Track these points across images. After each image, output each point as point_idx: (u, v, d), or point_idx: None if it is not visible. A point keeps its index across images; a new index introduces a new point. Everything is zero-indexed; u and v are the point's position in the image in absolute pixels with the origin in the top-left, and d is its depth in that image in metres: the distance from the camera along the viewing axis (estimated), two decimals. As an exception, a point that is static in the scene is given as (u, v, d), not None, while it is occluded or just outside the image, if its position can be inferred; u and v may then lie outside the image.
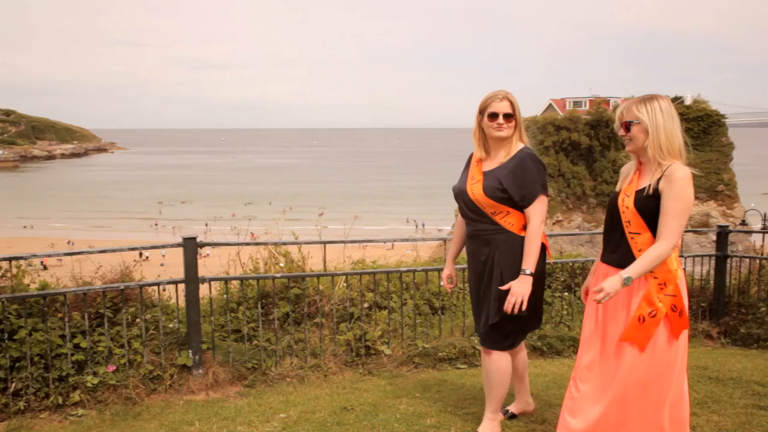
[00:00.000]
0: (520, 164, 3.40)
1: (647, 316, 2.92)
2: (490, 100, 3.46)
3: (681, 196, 2.86)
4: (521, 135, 3.51)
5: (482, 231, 3.49)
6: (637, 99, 3.04)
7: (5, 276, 4.30)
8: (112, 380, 4.27)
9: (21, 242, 41.22)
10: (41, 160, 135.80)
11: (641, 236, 2.98)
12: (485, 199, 3.41)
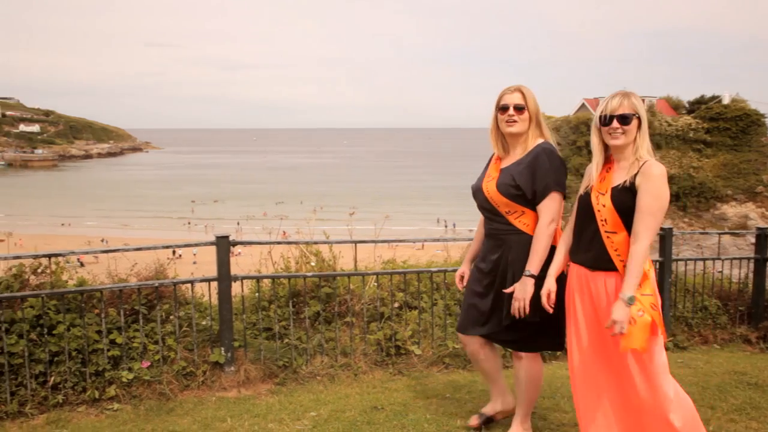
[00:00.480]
0: (535, 158, 3.28)
1: (637, 317, 2.86)
2: (502, 93, 3.38)
3: (658, 193, 2.83)
4: (542, 131, 3.38)
5: (497, 230, 3.42)
6: (622, 92, 2.97)
7: (45, 272, 4.40)
8: (146, 376, 4.34)
9: (58, 239, 42.14)
10: (79, 159, 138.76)
11: (617, 235, 2.92)
12: (499, 197, 3.32)
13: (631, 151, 2.95)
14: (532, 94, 3.35)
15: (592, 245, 3.00)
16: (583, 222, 3.05)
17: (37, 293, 4.19)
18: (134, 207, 63.99)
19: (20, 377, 4.11)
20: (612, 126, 2.92)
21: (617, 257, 2.93)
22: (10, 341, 4.07)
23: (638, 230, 2.84)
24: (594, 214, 2.97)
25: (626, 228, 2.90)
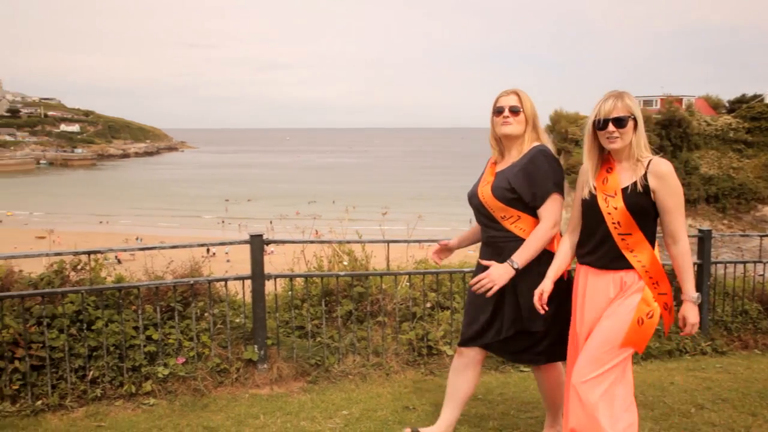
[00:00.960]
0: (531, 161, 3.18)
1: (645, 318, 2.85)
2: (498, 96, 3.33)
3: (678, 190, 2.84)
4: (539, 135, 3.29)
5: (493, 238, 3.29)
6: (615, 94, 2.90)
7: (84, 269, 4.50)
8: (181, 372, 4.41)
9: (96, 237, 43.06)
10: (116, 158, 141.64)
11: (633, 237, 2.88)
12: (494, 201, 3.22)
13: (630, 151, 2.89)
14: (528, 98, 3.28)
15: (601, 247, 2.95)
16: (591, 225, 2.98)
17: (77, 289, 4.29)
18: (169, 205, 65.04)
19: (61, 371, 4.21)
20: (608, 130, 2.85)
21: (634, 258, 2.89)
22: (51, 335, 4.17)
23: (675, 230, 2.85)
24: (602, 216, 2.90)
25: (641, 229, 2.87)
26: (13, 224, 56.07)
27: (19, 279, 4.39)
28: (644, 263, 2.88)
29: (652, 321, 2.85)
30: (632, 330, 2.84)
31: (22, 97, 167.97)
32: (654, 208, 2.86)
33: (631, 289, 2.88)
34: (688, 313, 2.87)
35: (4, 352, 4.04)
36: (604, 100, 2.88)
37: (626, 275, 2.90)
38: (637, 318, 2.84)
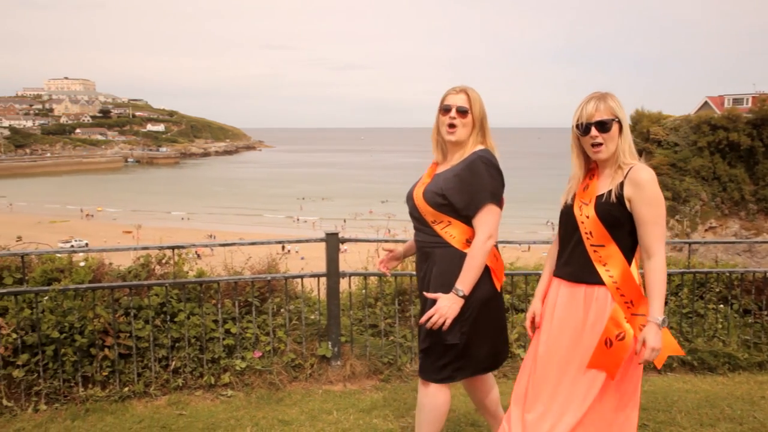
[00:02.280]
0: (468, 167, 2.95)
1: (614, 339, 2.57)
2: (446, 93, 3.08)
3: (657, 200, 2.57)
4: (485, 138, 3.06)
5: (423, 242, 3.09)
6: (597, 95, 2.68)
7: (168, 263, 4.69)
8: (258, 365, 4.53)
9: (178, 232, 44.82)
10: (198, 156, 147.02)
11: (605, 249, 2.64)
12: (424, 205, 3.01)
13: (614, 156, 2.67)
14: (478, 97, 3.04)
15: (572, 258, 2.73)
16: (566, 234, 2.77)
17: (161, 282, 4.48)
18: (246, 203, 66.91)
19: (146, 360, 4.40)
20: (591, 135, 2.65)
21: (606, 272, 2.63)
22: (137, 326, 4.36)
23: (650, 244, 2.57)
24: (577, 225, 2.69)
25: (615, 241, 2.62)
26: (102, 219, 59.18)
27: (109, 271, 4.62)
28: (616, 279, 2.62)
29: (623, 344, 2.56)
30: (599, 351, 2.59)
31: (113, 98, 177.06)
32: (629, 219, 2.61)
33: (599, 306, 2.64)
34: (648, 336, 2.50)
35: (96, 340, 4.26)
36: (585, 102, 2.68)
37: (598, 290, 2.65)
38: (605, 338, 2.59)
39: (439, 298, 2.91)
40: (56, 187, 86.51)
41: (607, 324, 2.60)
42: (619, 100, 2.68)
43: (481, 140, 3.04)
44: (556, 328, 2.76)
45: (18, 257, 4.31)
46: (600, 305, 2.63)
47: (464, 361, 3.02)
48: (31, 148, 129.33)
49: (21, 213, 61.63)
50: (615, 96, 2.68)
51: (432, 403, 3.07)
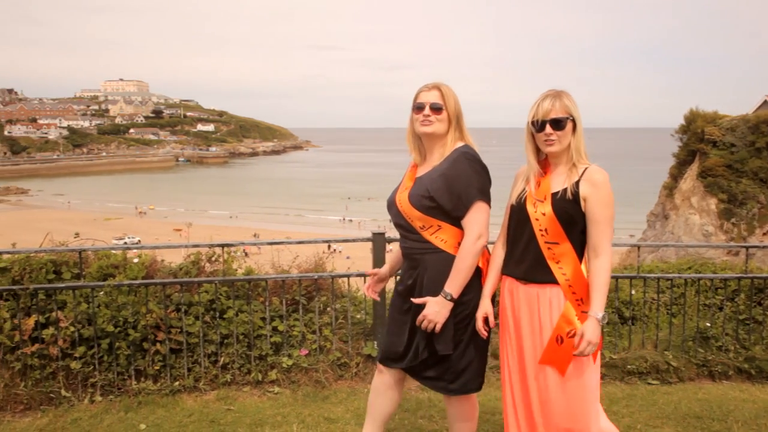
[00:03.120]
0: (452, 165, 2.85)
1: (565, 336, 2.61)
2: (418, 90, 2.97)
3: (608, 201, 2.63)
4: (463, 134, 2.95)
5: (411, 249, 2.95)
6: (553, 93, 2.68)
7: (218, 260, 4.78)
8: (304, 363, 4.57)
9: (227, 230, 45.63)
10: (246, 156, 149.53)
11: (560, 246, 2.66)
12: (411, 210, 2.87)
13: (567, 155, 2.70)
14: (452, 93, 2.93)
15: (525, 256, 2.73)
16: (517, 231, 2.77)
17: (211, 279, 4.57)
18: (293, 203, 67.66)
19: (195, 355, 4.50)
20: (545, 132, 2.66)
21: (559, 270, 2.66)
22: (188, 321, 4.46)
23: (598, 242, 2.62)
24: (531, 223, 2.70)
25: (569, 238, 2.65)
26: (154, 217, 60.72)
27: (161, 268, 4.74)
28: (568, 276, 2.65)
29: (573, 341, 2.60)
30: (550, 348, 2.64)
31: (165, 99, 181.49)
32: (584, 217, 2.64)
33: (552, 304, 2.67)
34: (587, 329, 2.56)
35: (148, 335, 4.38)
36: (541, 100, 2.69)
37: (551, 290, 2.68)
38: (556, 335, 2.63)
39: (427, 302, 2.83)
40: (111, 186, 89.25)
41: (559, 321, 2.64)
42: (574, 99, 2.71)
43: (459, 136, 2.95)
44: (518, 335, 2.78)
45: (76, 253, 4.46)
46: (554, 305, 2.67)
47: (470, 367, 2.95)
48: (88, 148, 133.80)
49: (78, 210, 63.79)
50: (570, 94, 2.71)
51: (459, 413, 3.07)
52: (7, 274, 4.35)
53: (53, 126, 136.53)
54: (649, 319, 5.47)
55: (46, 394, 4.20)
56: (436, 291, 2.83)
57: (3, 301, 4.31)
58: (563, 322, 2.63)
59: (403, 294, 3.01)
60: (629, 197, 64.52)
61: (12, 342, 4.22)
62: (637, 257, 5.17)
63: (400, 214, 2.94)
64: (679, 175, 31.01)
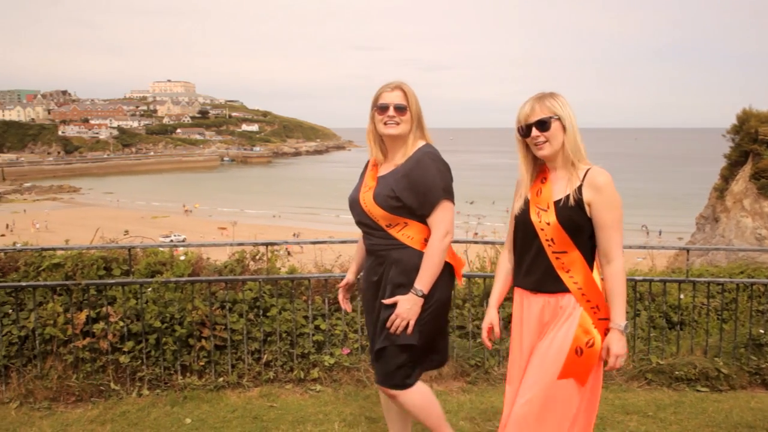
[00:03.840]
0: (417, 164, 2.86)
1: (585, 347, 2.52)
2: (380, 90, 2.96)
3: (615, 204, 2.53)
4: (423, 134, 2.97)
5: (376, 246, 2.96)
6: (535, 96, 2.60)
7: (262, 259, 4.84)
8: (346, 362, 4.60)
9: (269, 229, 46.15)
10: (289, 156, 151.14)
11: (568, 255, 2.56)
12: (377, 209, 2.89)
13: (563, 157, 2.59)
14: (414, 93, 2.93)
15: (534, 267, 2.63)
16: (524, 242, 2.67)
17: (255, 278, 4.63)
18: (335, 202, 68.05)
19: (239, 352, 4.57)
20: (532, 135, 2.58)
21: (570, 279, 2.57)
22: (232, 319, 4.54)
23: (609, 248, 2.52)
24: (536, 233, 2.60)
25: (577, 246, 2.55)
26: (200, 215, 61.87)
27: (207, 266, 4.82)
28: (581, 285, 2.56)
29: (593, 350, 2.52)
30: (570, 361, 2.52)
31: (211, 99, 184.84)
32: (590, 223, 2.55)
33: (566, 314, 2.56)
34: (612, 344, 2.50)
35: (193, 331, 4.46)
36: (522, 106, 2.63)
37: (562, 299, 2.58)
38: (575, 347, 2.52)
39: (399, 301, 2.84)
40: (157, 184, 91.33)
41: (576, 332, 2.54)
42: (563, 99, 2.60)
43: (420, 135, 2.96)
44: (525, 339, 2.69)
45: (125, 250, 4.58)
46: (567, 313, 2.57)
47: (417, 361, 2.98)
48: (137, 147, 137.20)
49: (126, 208, 65.47)
50: (558, 95, 2.61)
51: (415, 404, 3.00)
52: (60, 269, 4.49)
53: (104, 126, 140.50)
54: (699, 325, 5.33)
55: (97, 387, 4.33)
56: (402, 285, 2.87)
57: (57, 296, 4.46)
58: (581, 332, 2.54)
59: (370, 290, 3.05)
60: (678, 199, 62.98)
61: (65, 335, 4.36)
62: (685, 261, 5.05)
63: (364, 213, 2.96)
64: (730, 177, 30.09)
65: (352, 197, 3.05)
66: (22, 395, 4.25)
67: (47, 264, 4.52)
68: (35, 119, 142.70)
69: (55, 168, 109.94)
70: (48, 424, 3.95)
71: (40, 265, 4.54)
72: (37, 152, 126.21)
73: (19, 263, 4.59)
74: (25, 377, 4.32)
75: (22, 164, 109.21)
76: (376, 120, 2.97)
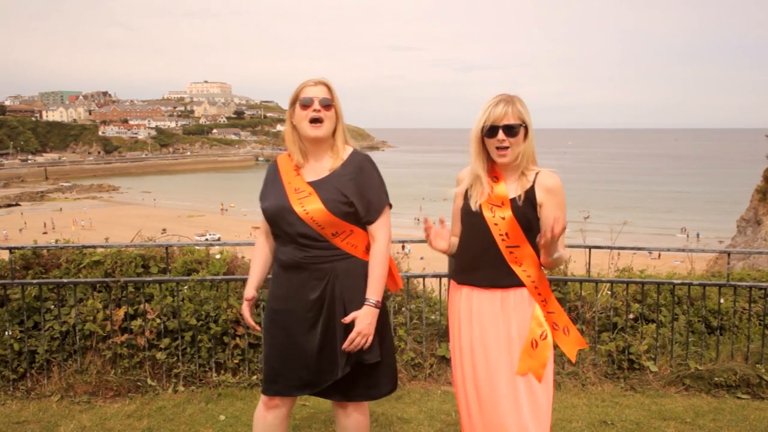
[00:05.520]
0: (361, 170, 2.74)
1: (539, 339, 2.61)
2: (301, 85, 2.75)
3: (563, 204, 2.65)
4: (346, 136, 2.80)
5: (317, 259, 2.70)
6: (505, 98, 2.62)
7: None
8: (378, 362, 4.60)
9: (304, 229, 46.41)
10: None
11: (521, 249, 2.65)
12: (328, 217, 2.66)
13: (518, 161, 2.66)
14: (335, 90, 2.77)
15: (484, 262, 2.68)
16: (476, 238, 2.69)
17: (289, 277, 4.66)
18: (369, 202, 68.28)
19: (273, 350, 4.61)
20: (498, 138, 2.61)
21: (524, 273, 2.65)
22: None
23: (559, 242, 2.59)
24: (489, 228, 2.65)
25: (529, 241, 2.64)
26: (234, 214, 62.66)
27: (241, 264, 4.88)
28: (533, 278, 2.66)
29: (547, 343, 2.61)
30: (526, 354, 2.59)
31: (247, 100, 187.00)
32: (538, 222, 2.66)
33: (520, 307, 2.64)
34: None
35: (228, 329, 4.52)
36: (494, 105, 2.62)
37: (515, 293, 2.65)
38: (531, 340, 2.60)
39: (358, 317, 2.65)
40: (194, 184, 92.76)
41: (531, 325, 2.63)
42: (526, 105, 2.65)
43: (343, 138, 2.80)
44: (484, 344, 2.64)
45: (162, 248, 4.66)
46: (522, 308, 2.64)
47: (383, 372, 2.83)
48: (174, 147, 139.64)
49: (163, 207, 66.65)
50: (522, 100, 2.65)
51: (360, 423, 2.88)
52: (100, 267, 4.59)
53: (143, 126, 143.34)
54: (740, 330, 5.20)
55: (134, 382, 4.41)
56: (352, 299, 2.70)
57: (96, 293, 4.56)
58: (535, 325, 2.63)
59: (307, 311, 2.73)
60: (718, 202, 61.55)
61: (104, 331, 4.45)
62: (726, 264, 4.93)
63: (303, 222, 2.69)
64: (773, 179, 29.29)
65: (279, 205, 2.74)
66: (63, 389, 4.36)
67: (88, 261, 4.63)
68: (77, 120, 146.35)
69: (95, 167, 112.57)
70: (87, 417, 4.05)
71: (81, 263, 4.65)
72: (78, 152, 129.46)
73: (61, 260, 4.71)
74: (66, 371, 4.43)
75: (64, 164, 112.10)
76: (297, 118, 2.76)
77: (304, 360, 2.74)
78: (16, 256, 4.61)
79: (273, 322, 2.81)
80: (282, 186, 2.79)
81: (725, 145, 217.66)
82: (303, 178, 2.77)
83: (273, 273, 2.89)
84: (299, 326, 2.74)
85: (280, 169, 2.85)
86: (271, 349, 2.82)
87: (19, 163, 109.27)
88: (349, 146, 2.83)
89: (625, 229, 29.91)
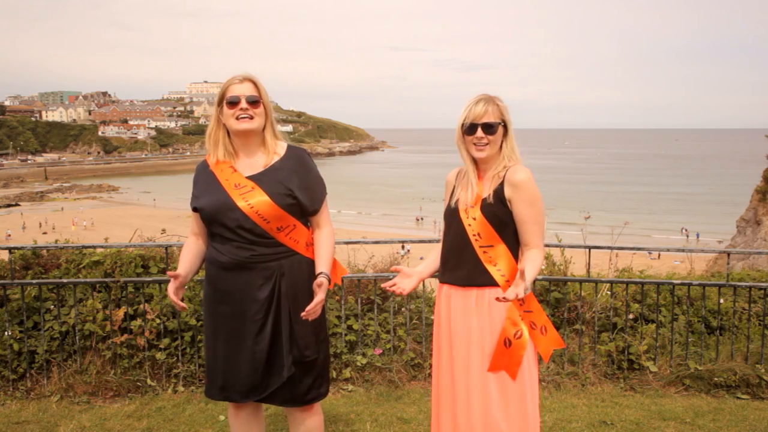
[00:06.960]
0: (301, 162, 2.78)
1: (513, 338, 2.61)
2: (227, 83, 2.73)
3: (534, 198, 2.63)
4: (275, 131, 2.80)
5: (262, 257, 2.68)
6: (485, 97, 2.68)
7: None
8: (378, 362, 4.60)
9: (304, 229, 46.42)
10: (323, 156, 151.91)
11: (495, 249, 2.67)
12: (274, 210, 2.65)
13: (497, 160, 2.71)
14: (264, 86, 2.76)
15: (462, 262, 2.71)
16: (454, 237, 2.75)
17: (288, 277, 4.66)
18: (368, 202, 68.28)
19: (272, 351, 4.61)
20: (476, 135, 2.66)
21: (498, 272, 2.66)
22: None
23: (530, 240, 2.65)
24: (464, 228, 2.69)
25: (503, 240, 2.67)
26: (234, 215, 62.50)
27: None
28: (508, 277, 2.66)
29: (521, 342, 2.61)
30: (499, 352, 2.61)
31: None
32: (512, 218, 2.67)
33: (495, 306, 2.64)
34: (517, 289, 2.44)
35: (228, 329, 4.51)
36: (474, 104, 2.68)
37: (490, 292, 2.65)
38: (503, 339, 2.61)
39: (320, 285, 2.65)
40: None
41: (505, 324, 2.63)
42: (506, 105, 2.71)
43: (273, 133, 2.80)
44: (457, 341, 2.71)
45: (162, 248, 4.66)
46: (496, 307, 2.64)
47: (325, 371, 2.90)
48: (173, 147, 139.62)
49: (163, 207, 66.62)
50: (501, 99, 2.71)
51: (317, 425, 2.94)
52: (100, 267, 4.59)
53: (142, 127, 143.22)
54: (739, 330, 5.20)
55: (134, 383, 4.41)
56: (296, 296, 2.71)
57: (96, 293, 4.56)
58: (509, 324, 2.63)
59: (252, 313, 2.69)
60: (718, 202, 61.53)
61: (103, 331, 4.46)
62: (726, 264, 4.93)
63: (248, 219, 2.66)
64: (773, 179, 29.28)
65: (221, 201, 2.69)
66: (63, 389, 4.36)
67: (87, 261, 4.63)
68: (77, 120, 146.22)
69: (95, 167, 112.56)
70: (87, 417, 4.05)
71: (81, 263, 4.65)
72: (78, 152, 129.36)
73: (60, 260, 4.71)
74: (66, 372, 4.43)
75: (64, 164, 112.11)
76: (225, 116, 2.73)
77: (254, 363, 2.71)
78: (16, 256, 4.61)
79: (217, 325, 2.77)
80: (218, 183, 2.74)
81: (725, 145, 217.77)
82: (238, 173, 2.75)
83: (209, 275, 2.81)
84: (248, 329, 2.71)
85: (212, 168, 2.80)
86: (217, 354, 2.78)
87: (19, 164, 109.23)
88: (281, 141, 2.84)
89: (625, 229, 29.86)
